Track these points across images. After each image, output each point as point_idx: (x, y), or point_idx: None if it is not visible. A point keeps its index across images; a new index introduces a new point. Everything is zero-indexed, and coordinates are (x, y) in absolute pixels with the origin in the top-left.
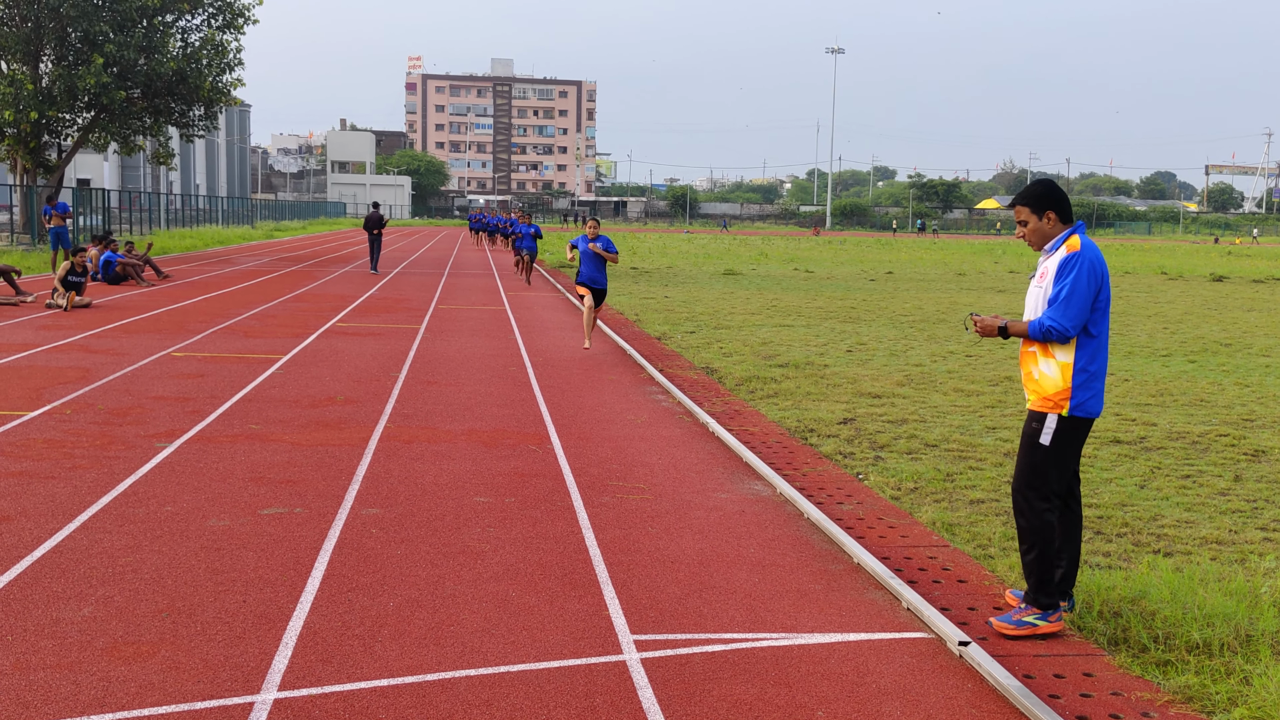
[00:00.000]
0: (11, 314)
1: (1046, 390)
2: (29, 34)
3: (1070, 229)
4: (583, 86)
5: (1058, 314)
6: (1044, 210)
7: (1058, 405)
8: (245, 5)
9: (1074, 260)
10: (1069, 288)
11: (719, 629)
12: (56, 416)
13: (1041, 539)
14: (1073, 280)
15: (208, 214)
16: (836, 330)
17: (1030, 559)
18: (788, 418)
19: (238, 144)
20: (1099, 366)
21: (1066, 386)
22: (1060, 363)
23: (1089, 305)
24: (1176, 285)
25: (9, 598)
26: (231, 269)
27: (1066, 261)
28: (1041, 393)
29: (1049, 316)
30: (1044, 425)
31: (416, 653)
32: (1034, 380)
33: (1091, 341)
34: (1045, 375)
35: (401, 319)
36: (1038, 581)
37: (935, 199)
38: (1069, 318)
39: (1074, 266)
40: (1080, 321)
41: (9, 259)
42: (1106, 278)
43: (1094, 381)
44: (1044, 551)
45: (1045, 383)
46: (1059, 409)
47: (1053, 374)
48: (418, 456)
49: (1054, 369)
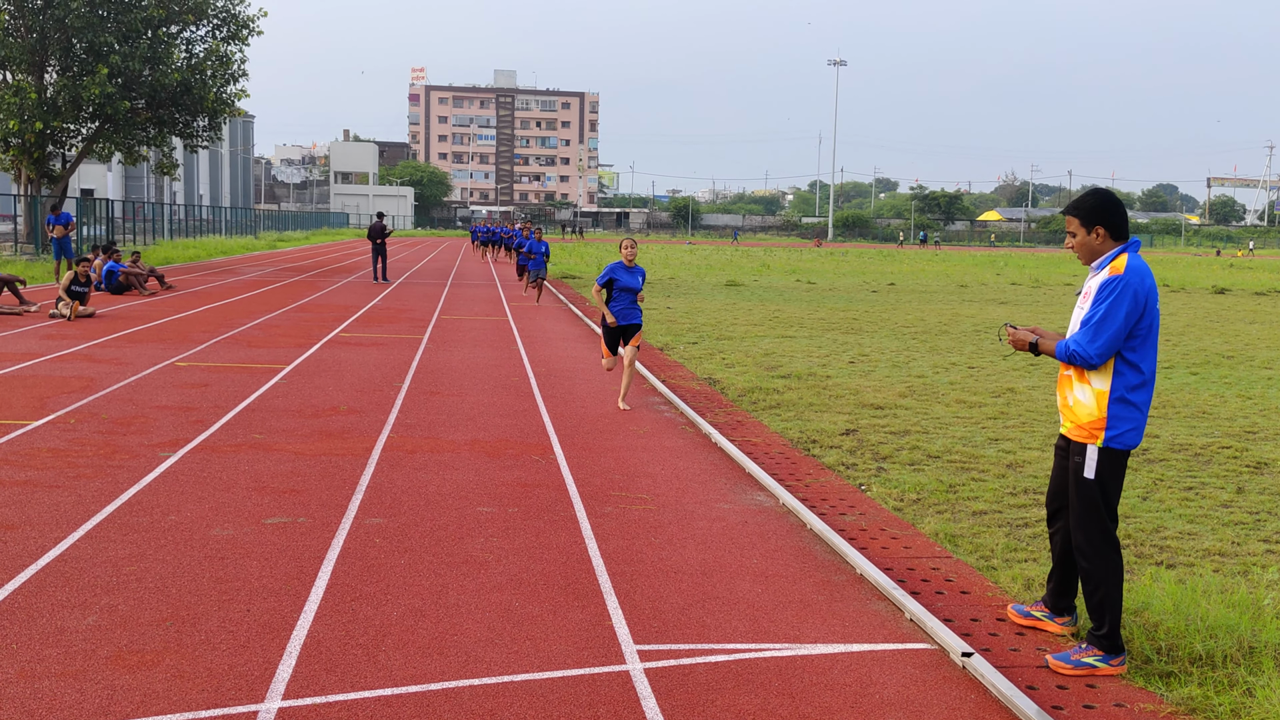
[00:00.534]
0: (16, 323)
1: (1081, 419)
2: (34, 44)
3: (1121, 247)
4: (585, 98)
5: (1085, 339)
6: (1094, 224)
7: (1092, 435)
8: (250, 17)
9: (1114, 284)
10: (1103, 313)
11: (722, 639)
12: (60, 426)
13: (1108, 579)
14: (1109, 306)
15: (211, 224)
16: (839, 341)
17: (1096, 600)
18: (790, 429)
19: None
20: (1141, 397)
21: (1101, 416)
22: (1096, 390)
23: (1123, 333)
24: (1179, 297)
25: (14, 606)
26: (235, 279)
27: (1106, 284)
28: (1076, 420)
29: (1075, 340)
30: (1085, 457)
31: (420, 662)
32: (1069, 407)
33: (1132, 372)
34: (1080, 402)
35: (404, 329)
36: (1108, 624)
37: (937, 210)
38: (1096, 345)
39: (1113, 291)
40: (1109, 350)
41: (13, 269)
42: (1152, 303)
43: (1133, 412)
44: (1110, 592)
45: (1079, 410)
46: (1094, 439)
47: (1087, 401)
48: (421, 466)
49: (1089, 396)
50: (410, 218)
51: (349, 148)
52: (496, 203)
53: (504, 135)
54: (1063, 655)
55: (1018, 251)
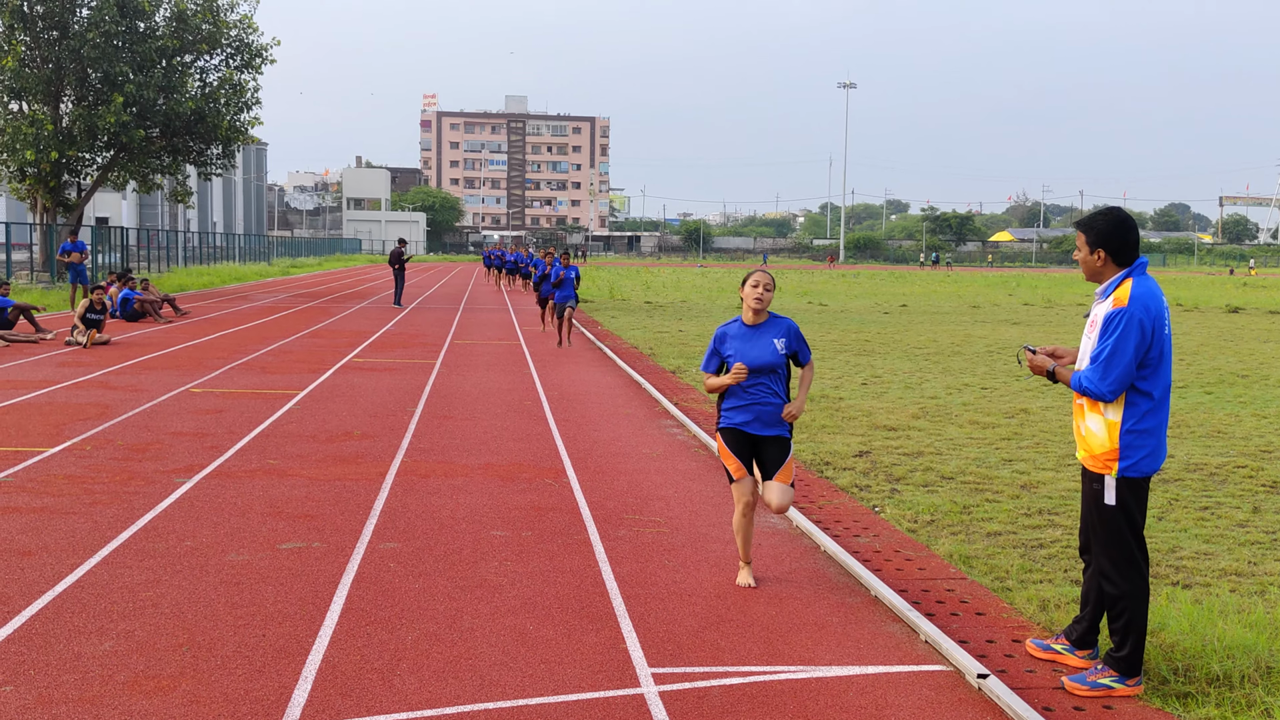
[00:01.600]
0: (32, 351)
1: (1094, 449)
2: (50, 75)
3: (1125, 273)
4: (596, 122)
5: (1096, 376)
6: (1096, 247)
7: (1107, 466)
8: (263, 46)
9: (1119, 318)
10: (1110, 349)
11: (736, 662)
12: (77, 452)
13: (1132, 605)
14: (1115, 341)
15: (225, 251)
16: (851, 363)
17: (1121, 623)
18: (803, 450)
19: (255, 182)
20: (1154, 424)
21: (1114, 447)
22: (1108, 421)
23: (1133, 367)
24: (1192, 316)
25: (31, 633)
26: (248, 305)
27: (1111, 318)
28: (1090, 450)
29: (1087, 377)
30: (1104, 485)
31: (435, 686)
32: (1082, 436)
33: (1144, 400)
34: (1092, 433)
35: (417, 354)
36: (1130, 647)
37: (949, 232)
38: (1107, 383)
39: (1118, 325)
40: (1121, 385)
41: (29, 297)
42: (1160, 329)
43: (1146, 439)
44: (1134, 617)
45: (1092, 441)
46: (1109, 469)
47: (1099, 432)
48: (434, 491)
49: (1101, 427)
50: (423, 243)
51: (361, 174)
52: (508, 227)
53: (515, 160)
54: (1078, 677)
55: (1030, 272)
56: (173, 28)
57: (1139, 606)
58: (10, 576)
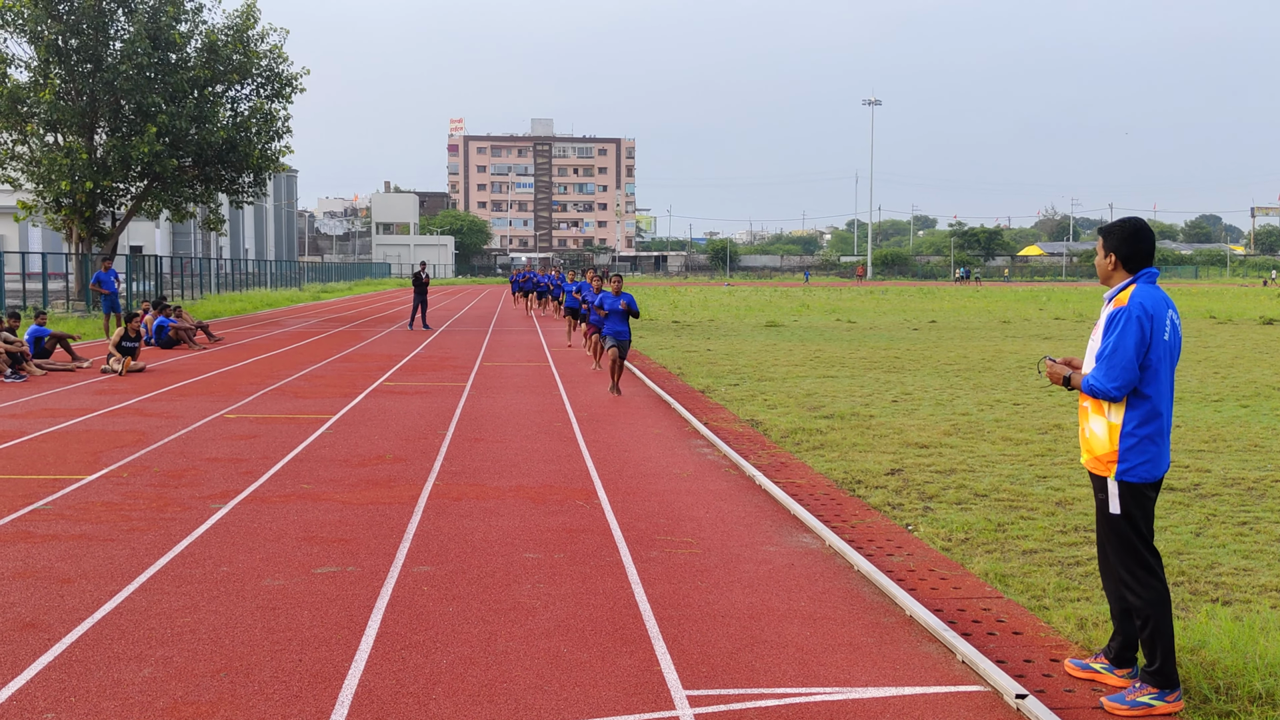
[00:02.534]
0: (69, 379)
1: (1096, 450)
2: (84, 107)
3: (1130, 279)
4: (621, 144)
5: (1100, 374)
6: (1109, 250)
7: (1107, 468)
8: (293, 75)
9: (1119, 316)
10: (1111, 346)
11: (771, 683)
12: (114, 480)
13: (1155, 612)
14: (1117, 338)
15: (257, 277)
16: (881, 380)
17: (1147, 633)
18: (834, 469)
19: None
20: (1154, 429)
21: (1114, 449)
22: (1110, 423)
23: (1135, 364)
24: (1226, 329)
25: (71, 659)
26: (280, 331)
27: (1113, 317)
28: (1092, 452)
29: (1093, 375)
30: (1108, 493)
31: (470, 710)
32: (1085, 439)
33: (1143, 403)
34: (1094, 434)
35: (447, 377)
36: (1160, 658)
37: (977, 247)
38: (1112, 379)
39: (1119, 323)
40: (1126, 381)
41: (65, 326)
42: (1159, 333)
43: (1147, 445)
44: (1160, 625)
45: (1094, 442)
46: (1108, 472)
47: (1101, 434)
48: (467, 513)
49: (1103, 429)
50: (451, 266)
51: (390, 199)
52: (535, 249)
53: (542, 182)
54: (1117, 697)
55: (1060, 286)
56: (204, 58)
57: (1162, 614)
58: (50, 604)
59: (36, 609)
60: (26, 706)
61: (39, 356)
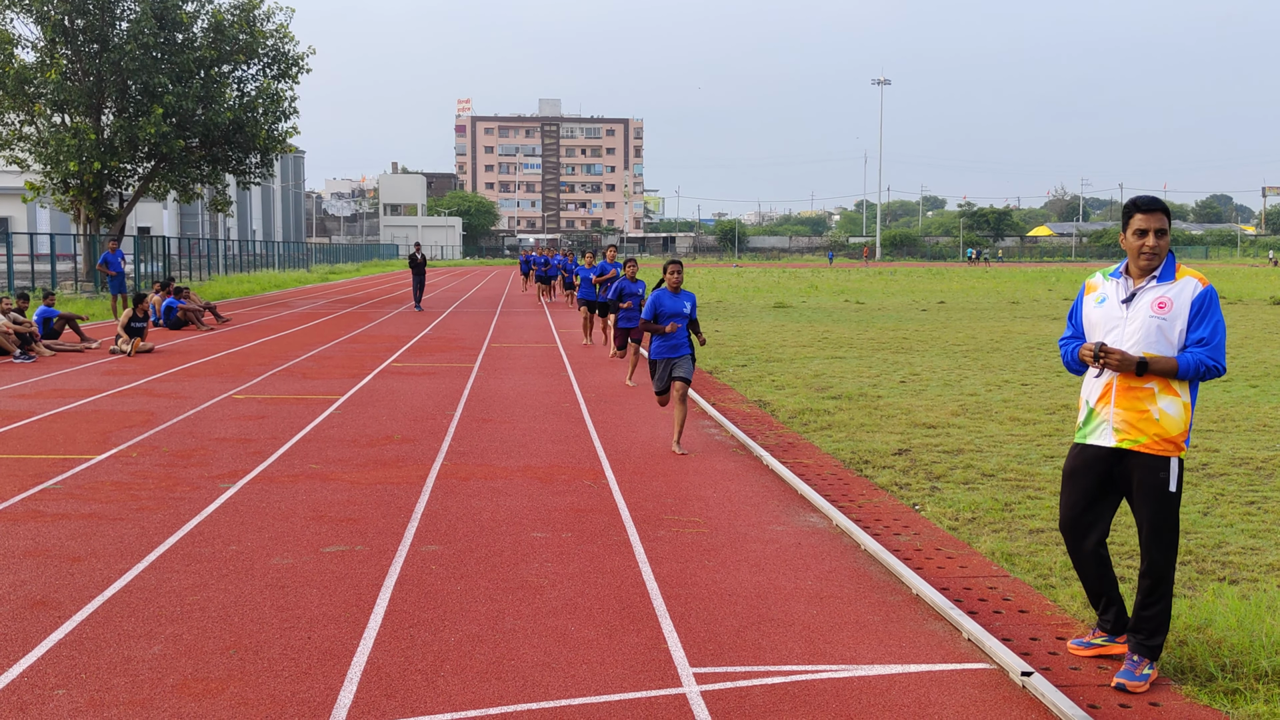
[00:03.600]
0: (78, 360)
1: (1170, 431)
2: (91, 88)
3: (1171, 255)
4: (629, 124)
5: (1219, 355)
6: (1168, 226)
7: (1179, 446)
8: (299, 55)
9: (1208, 297)
10: (1214, 323)
11: (778, 661)
12: (123, 459)
13: (1170, 590)
14: (1218, 317)
15: (264, 259)
16: (889, 361)
17: (1159, 609)
18: (842, 449)
19: (292, 189)
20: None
21: (1186, 428)
22: (1184, 402)
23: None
24: (1236, 309)
25: (82, 637)
26: (288, 312)
27: (1206, 296)
28: (1165, 434)
29: (1209, 356)
30: (1170, 471)
31: (478, 687)
32: (1153, 421)
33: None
34: (1167, 415)
35: (455, 358)
36: (1163, 633)
37: (986, 227)
38: (1224, 357)
39: (1211, 303)
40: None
41: (74, 307)
42: None
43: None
44: (1168, 604)
45: (1168, 423)
46: (1179, 450)
47: (1176, 414)
48: (475, 493)
49: (1178, 408)
50: (459, 247)
51: (397, 180)
52: (544, 230)
53: (550, 163)
54: (1126, 673)
55: (1069, 266)
56: (210, 39)
57: (1171, 592)
58: (61, 582)
59: (47, 587)
60: (38, 683)
61: (48, 337)
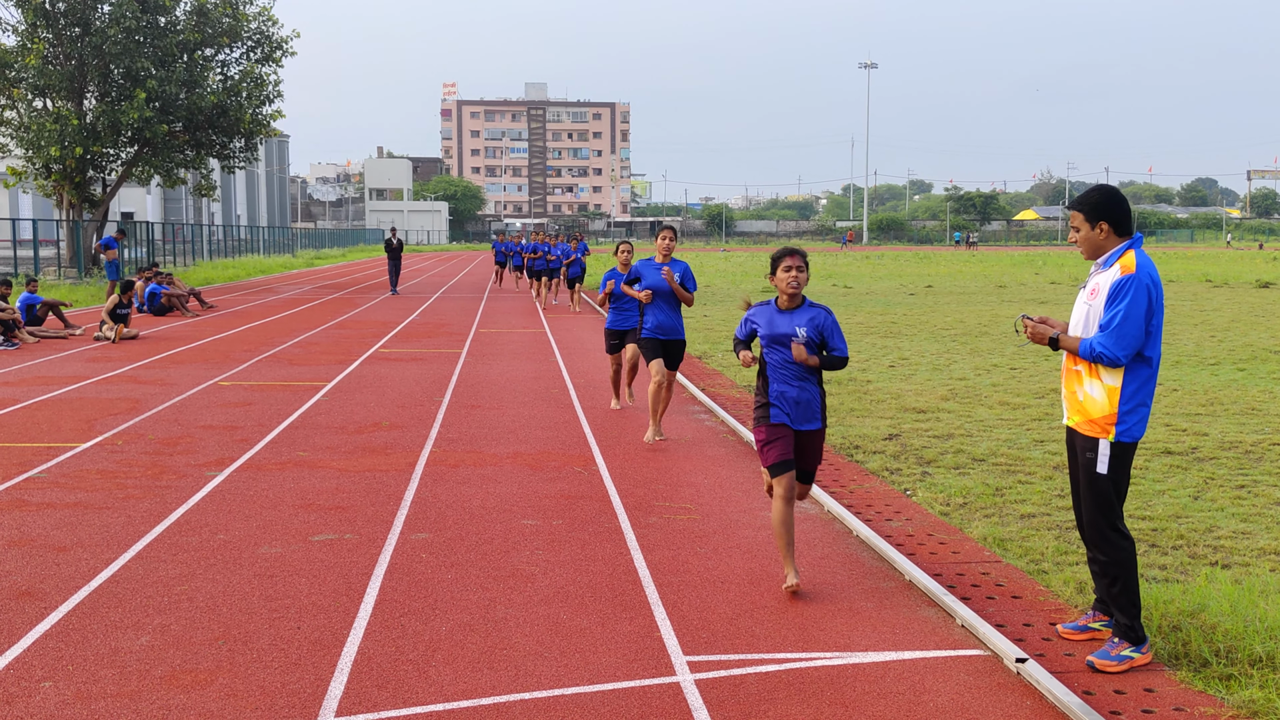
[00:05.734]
0: (61, 347)
1: (1092, 413)
2: (73, 71)
3: (1126, 244)
4: (616, 108)
5: (1110, 341)
6: (1097, 220)
7: (1105, 430)
8: (283, 38)
9: (1129, 283)
10: (1123, 314)
11: (772, 649)
12: (108, 447)
13: (1124, 570)
14: (1128, 305)
15: (249, 244)
16: (878, 345)
17: (1115, 591)
18: (832, 434)
19: (277, 174)
20: (1149, 391)
21: (1113, 411)
22: (1108, 386)
23: (1144, 331)
24: (1222, 293)
25: (69, 628)
26: (274, 298)
27: (1122, 284)
28: (1087, 415)
29: (1100, 343)
30: (1098, 453)
31: (470, 677)
32: (1078, 401)
33: (1144, 367)
34: (1090, 398)
35: (443, 344)
36: (1132, 613)
37: (973, 211)
38: (1122, 346)
39: (1129, 290)
40: (1134, 349)
41: (57, 293)
42: (1160, 299)
43: (1141, 407)
44: (1128, 583)
45: (1090, 405)
46: (1106, 434)
47: (1099, 397)
48: (464, 480)
49: (1100, 392)
50: (445, 232)
51: (383, 164)
52: (530, 215)
53: (536, 148)
54: (1102, 653)
55: (1056, 250)
56: (193, 22)
57: (1131, 573)
58: (46, 572)
59: (32, 577)
60: (24, 675)
61: (31, 324)
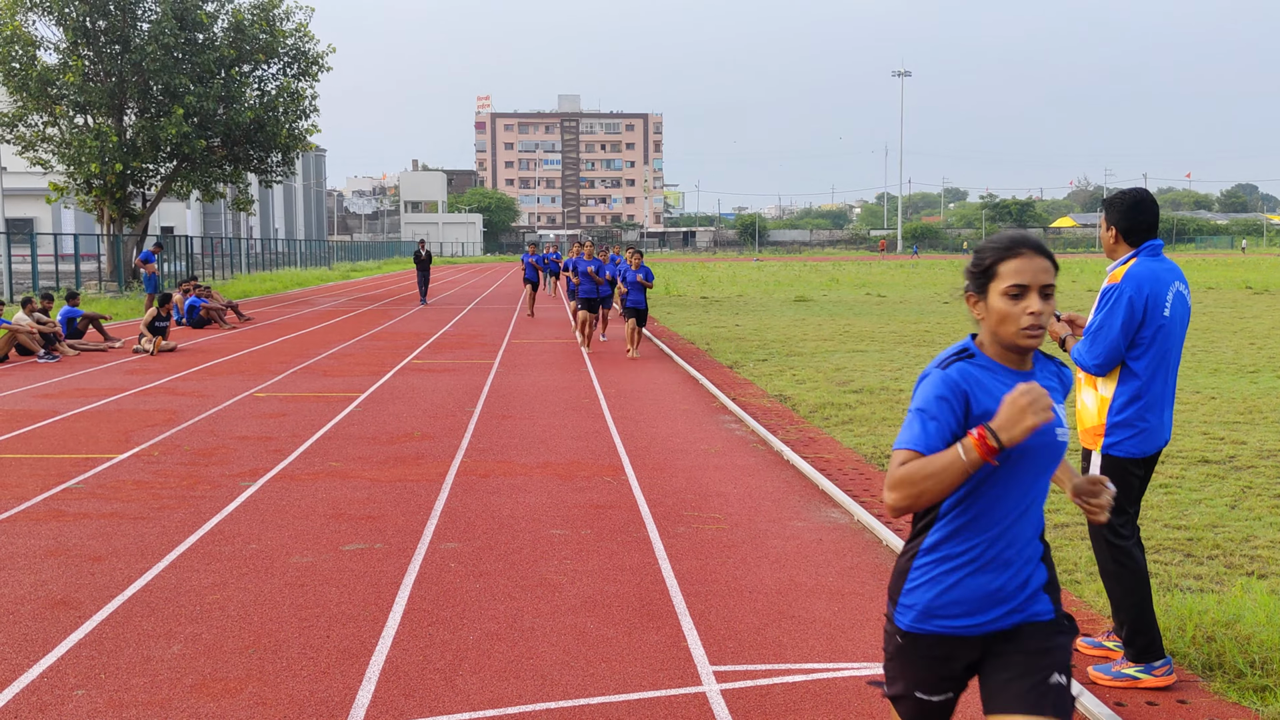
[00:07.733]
0: (101, 359)
1: (1085, 423)
2: (113, 88)
3: (1132, 253)
4: (649, 119)
5: (1084, 346)
6: (1110, 224)
7: (1094, 441)
8: (319, 54)
9: (1109, 294)
10: (1099, 322)
11: (799, 659)
12: (145, 458)
13: (1122, 585)
14: (1105, 315)
15: (286, 257)
16: (911, 355)
17: (1124, 606)
18: (863, 444)
19: (314, 188)
20: (1142, 405)
21: (1100, 423)
22: (1100, 397)
23: (1121, 343)
24: (1262, 300)
25: (102, 636)
26: (310, 310)
27: (1106, 293)
28: (1081, 424)
29: (1077, 350)
30: (1091, 465)
31: (497, 686)
32: (1077, 411)
33: (1133, 379)
34: (1085, 406)
35: (475, 354)
36: (1130, 631)
37: (1009, 219)
38: (1093, 354)
39: (1109, 301)
40: (1108, 360)
41: (97, 306)
42: (1157, 310)
43: (1136, 421)
44: (1128, 598)
45: (1084, 414)
46: (1094, 445)
47: (1091, 407)
48: (494, 490)
49: (1093, 401)
50: (479, 244)
51: (418, 177)
52: (564, 226)
53: (569, 159)
54: (1103, 667)
55: (1093, 257)
56: (230, 38)
57: (1128, 587)
58: (81, 581)
59: (68, 586)
60: (58, 683)
61: (71, 337)
